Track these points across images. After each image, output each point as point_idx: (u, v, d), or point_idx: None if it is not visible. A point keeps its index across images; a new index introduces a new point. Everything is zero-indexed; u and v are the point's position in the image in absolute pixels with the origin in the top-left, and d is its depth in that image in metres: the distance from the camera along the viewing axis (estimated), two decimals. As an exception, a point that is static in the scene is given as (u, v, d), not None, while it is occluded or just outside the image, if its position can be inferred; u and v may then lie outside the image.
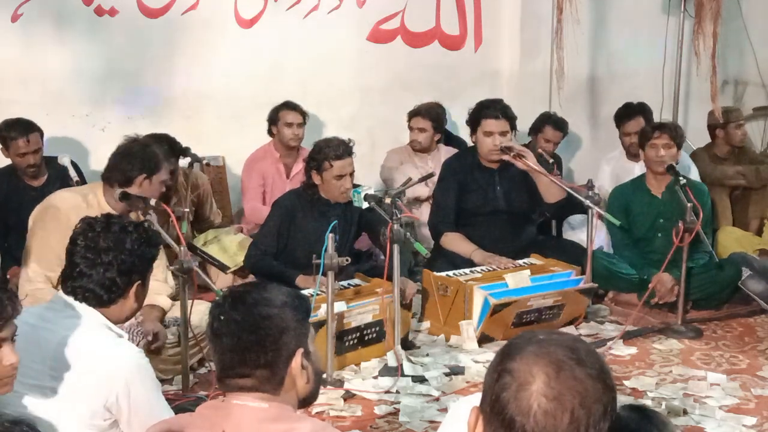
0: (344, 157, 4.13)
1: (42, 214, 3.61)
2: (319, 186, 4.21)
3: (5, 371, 1.89)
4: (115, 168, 3.59)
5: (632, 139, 5.36)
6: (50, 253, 3.48)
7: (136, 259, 2.37)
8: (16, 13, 4.98)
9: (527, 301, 4.11)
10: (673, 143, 4.64)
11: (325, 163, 4.13)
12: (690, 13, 6.29)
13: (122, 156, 3.61)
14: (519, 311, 4.10)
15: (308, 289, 3.75)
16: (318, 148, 4.20)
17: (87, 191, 3.68)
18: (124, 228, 2.39)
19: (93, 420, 2.23)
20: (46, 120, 5.09)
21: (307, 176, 4.24)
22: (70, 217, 3.48)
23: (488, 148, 4.56)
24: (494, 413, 1.30)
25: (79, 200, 3.59)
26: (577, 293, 4.30)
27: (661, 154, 4.62)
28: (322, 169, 4.15)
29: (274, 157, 5.29)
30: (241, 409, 1.73)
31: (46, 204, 3.65)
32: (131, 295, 2.38)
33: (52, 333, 2.25)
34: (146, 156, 3.61)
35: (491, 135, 4.54)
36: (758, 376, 3.79)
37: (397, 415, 3.34)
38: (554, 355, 1.30)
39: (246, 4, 5.59)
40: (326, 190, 4.21)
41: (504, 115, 4.56)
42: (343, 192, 4.14)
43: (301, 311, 1.82)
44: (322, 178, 4.17)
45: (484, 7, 6.35)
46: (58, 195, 3.72)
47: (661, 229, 4.71)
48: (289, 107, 5.26)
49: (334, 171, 4.13)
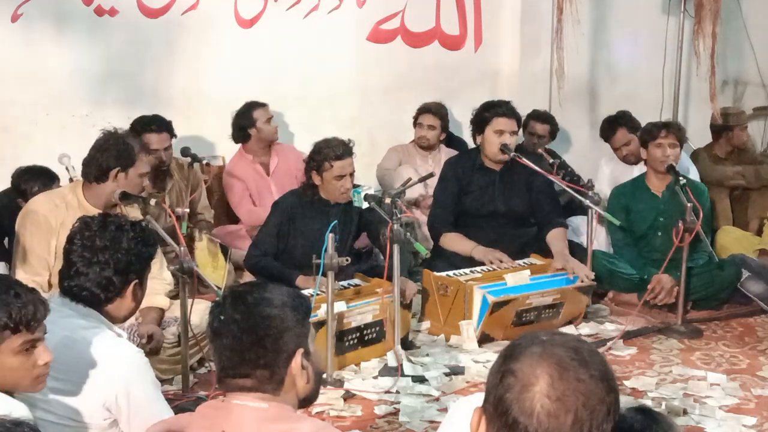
0: (344, 158, 4.13)
1: (23, 220, 3.61)
2: (319, 186, 4.21)
3: (41, 370, 2.01)
4: (91, 162, 3.56)
5: (624, 151, 5.38)
6: (33, 258, 3.50)
7: (133, 258, 2.37)
8: (16, 13, 4.97)
9: (526, 298, 4.11)
10: (678, 143, 4.65)
11: (325, 163, 4.13)
12: (690, 13, 6.29)
13: (97, 149, 3.57)
14: (518, 309, 4.10)
15: (308, 289, 3.75)
16: (318, 149, 4.20)
17: (66, 191, 3.67)
18: (121, 227, 2.39)
19: (92, 420, 2.24)
20: (46, 120, 5.11)
21: (307, 177, 4.23)
22: (48, 219, 3.50)
23: (498, 147, 4.55)
24: (497, 414, 1.30)
25: (57, 201, 3.58)
26: (576, 291, 4.30)
27: (667, 153, 4.62)
28: (322, 170, 4.14)
29: (248, 160, 5.25)
30: (241, 409, 1.73)
31: (25, 210, 3.65)
32: (128, 295, 2.38)
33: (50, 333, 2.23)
34: (120, 149, 3.55)
35: (502, 134, 4.53)
36: (758, 376, 3.79)
37: (397, 415, 3.34)
38: (557, 356, 1.30)
39: (246, 4, 5.58)
40: (326, 191, 4.21)
41: (514, 115, 4.59)
42: (343, 192, 4.14)
43: (302, 311, 1.82)
44: (322, 179, 4.17)
45: (484, 7, 6.34)
46: (36, 199, 3.70)
47: (661, 227, 4.71)
48: (259, 105, 5.22)
49: (334, 171, 4.12)
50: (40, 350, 1.99)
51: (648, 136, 4.72)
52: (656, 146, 4.66)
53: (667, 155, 4.61)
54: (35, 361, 1.98)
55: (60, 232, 3.41)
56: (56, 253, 3.39)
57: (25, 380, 2.00)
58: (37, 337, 1.97)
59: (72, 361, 2.21)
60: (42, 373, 2.01)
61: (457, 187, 4.68)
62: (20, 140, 5.08)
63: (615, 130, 5.43)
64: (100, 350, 2.24)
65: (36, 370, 1.99)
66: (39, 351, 1.99)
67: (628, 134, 5.34)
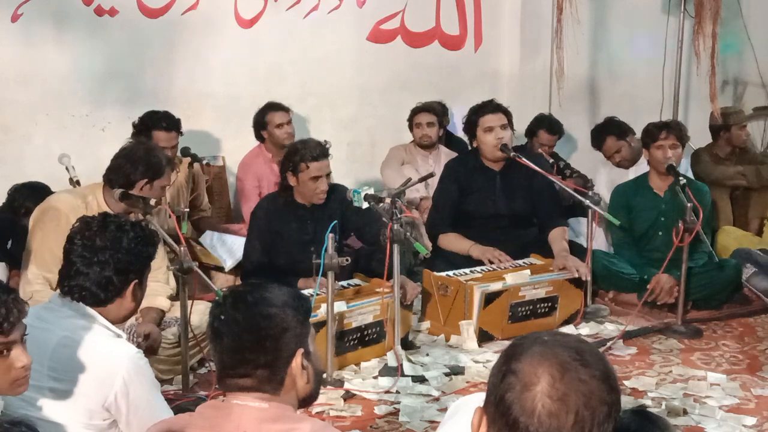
0: (321, 159, 4.06)
1: (41, 215, 3.60)
2: (294, 188, 4.16)
3: (18, 373, 1.93)
4: (118, 170, 3.57)
5: (617, 158, 5.39)
6: (48, 254, 3.48)
7: (133, 258, 2.37)
8: (16, 13, 4.97)
9: (518, 290, 4.12)
10: (679, 143, 4.65)
11: (301, 164, 4.05)
12: (690, 13, 6.29)
13: (126, 158, 3.59)
14: (512, 302, 4.11)
15: (308, 289, 3.75)
16: (294, 150, 4.12)
17: (87, 192, 3.67)
18: (121, 226, 2.39)
19: (92, 420, 2.23)
20: (46, 120, 5.11)
21: (282, 178, 4.17)
22: (69, 219, 3.47)
23: (492, 144, 4.55)
24: (498, 414, 1.30)
25: (79, 202, 3.58)
26: (569, 284, 4.30)
27: (668, 155, 4.61)
28: (298, 171, 4.06)
29: (267, 158, 5.26)
30: (241, 409, 1.73)
31: (45, 205, 3.64)
32: (128, 295, 2.38)
33: (50, 333, 2.25)
34: (150, 161, 3.58)
35: (492, 130, 4.53)
36: (758, 376, 3.79)
37: (397, 415, 3.33)
38: (559, 357, 1.29)
39: (246, 4, 5.59)
40: (301, 192, 4.14)
41: (499, 108, 4.58)
42: (319, 193, 4.10)
43: (302, 311, 1.82)
44: (298, 180, 4.09)
45: (484, 7, 6.35)
46: (58, 196, 3.70)
47: (662, 227, 4.71)
48: (274, 108, 5.22)
49: (310, 172, 4.05)
50: (17, 353, 1.91)
51: (648, 138, 4.71)
52: (657, 148, 4.65)
53: (668, 156, 4.60)
54: (11, 364, 1.91)
55: None
56: None
57: (3, 384, 1.92)
58: (11, 340, 1.89)
59: (71, 361, 2.20)
60: (19, 376, 1.93)
61: (456, 188, 4.68)
62: (20, 140, 5.08)
63: (603, 139, 5.43)
64: (99, 350, 2.24)
65: (13, 373, 1.92)
66: (16, 354, 1.91)
67: (618, 141, 5.35)
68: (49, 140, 5.00)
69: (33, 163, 4.94)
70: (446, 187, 4.73)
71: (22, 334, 1.93)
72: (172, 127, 4.69)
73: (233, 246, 4.84)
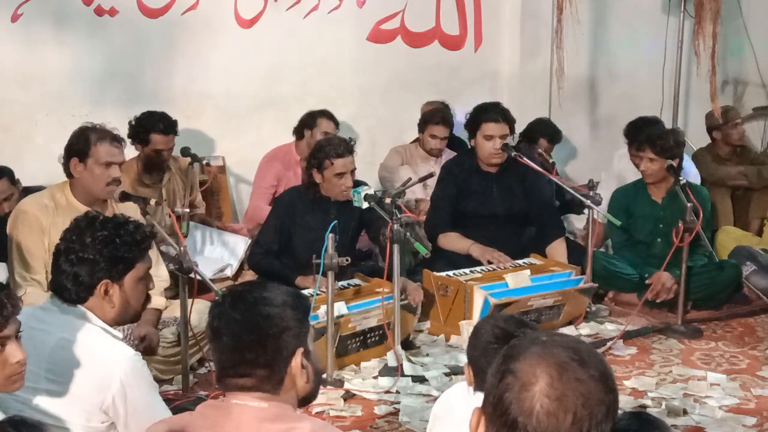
0: (345, 156, 4.14)
1: (14, 221, 3.61)
2: (320, 184, 4.22)
3: (13, 369, 1.93)
4: (64, 162, 3.60)
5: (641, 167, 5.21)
6: (30, 256, 3.50)
7: (96, 255, 2.30)
8: (16, 13, 4.97)
9: (528, 300, 4.11)
10: (657, 157, 4.54)
11: (326, 161, 4.13)
12: (690, 13, 6.29)
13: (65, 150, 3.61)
14: (519, 311, 4.10)
15: (308, 289, 3.75)
16: (319, 147, 4.21)
17: (55, 191, 3.66)
18: (92, 223, 2.35)
19: (90, 422, 2.22)
20: (46, 120, 5.10)
21: (308, 175, 4.24)
22: (38, 218, 3.51)
23: (489, 152, 4.57)
24: (496, 414, 1.30)
25: (46, 201, 3.58)
26: (577, 293, 4.30)
27: (642, 168, 4.62)
28: (323, 168, 4.15)
29: (295, 159, 5.26)
30: (240, 408, 1.73)
31: (15, 212, 3.66)
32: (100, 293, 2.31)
33: (47, 334, 2.24)
34: (75, 139, 3.57)
35: (492, 139, 4.54)
36: (758, 376, 3.79)
37: (397, 415, 3.34)
38: (557, 357, 1.29)
39: (246, 4, 5.58)
40: (327, 189, 4.21)
41: (504, 118, 4.58)
42: (344, 190, 4.15)
43: (301, 311, 1.82)
44: (323, 177, 4.18)
45: (484, 7, 6.35)
46: (24, 200, 3.71)
47: (661, 234, 4.70)
48: (327, 116, 5.25)
49: (335, 169, 4.13)
50: (12, 348, 1.91)
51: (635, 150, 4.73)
52: (638, 158, 4.67)
53: (642, 170, 4.62)
54: (6, 359, 1.91)
55: (51, 231, 3.43)
56: (49, 251, 3.39)
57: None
58: (5, 335, 1.89)
59: (69, 363, 2.20)
60: (14, 371, 1.93)
61: (454, 189, 4.69)
62: (20, 140, 5.08)
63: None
64: (97, 352, 2.23)
65: (8, 368, 1.92)
66: (10, 349, 1.91)
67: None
68: (49, 140, 4.99)
69: (33, 163, 4.93)
70: (444, 188, 4.74)
71: (17, 330, 1.92)
72: (169, 129, 4.67)
73: (235, 246, 4.85)
